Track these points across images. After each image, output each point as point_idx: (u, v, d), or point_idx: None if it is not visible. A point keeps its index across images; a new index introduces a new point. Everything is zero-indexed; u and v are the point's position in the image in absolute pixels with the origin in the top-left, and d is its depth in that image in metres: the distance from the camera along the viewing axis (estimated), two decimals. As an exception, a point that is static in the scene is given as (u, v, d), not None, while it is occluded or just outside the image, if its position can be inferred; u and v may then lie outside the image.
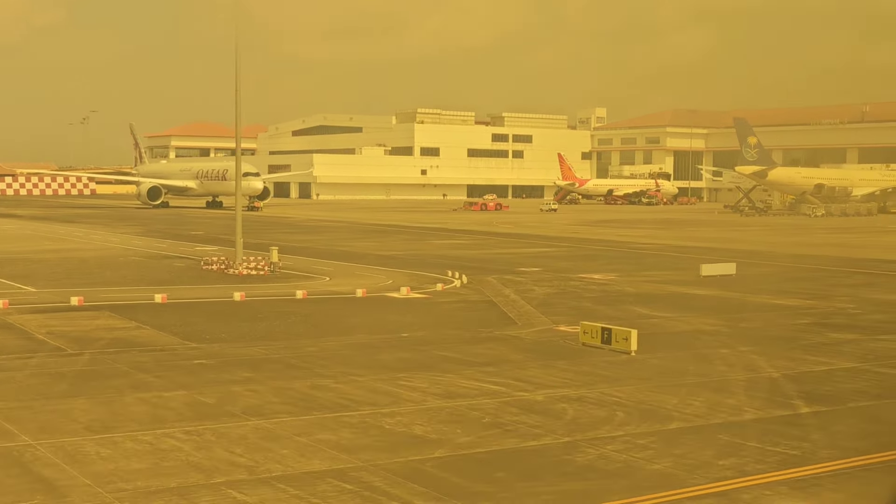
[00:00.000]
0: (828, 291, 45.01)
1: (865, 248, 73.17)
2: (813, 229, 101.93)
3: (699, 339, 31.05)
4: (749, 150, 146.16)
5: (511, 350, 28.52)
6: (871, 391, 23.47)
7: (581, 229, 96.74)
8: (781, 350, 29.05)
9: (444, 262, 56.68)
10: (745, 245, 75.23)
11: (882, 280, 50.62)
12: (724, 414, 20.93)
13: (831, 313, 37.64)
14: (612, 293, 43.45)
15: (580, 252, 68.40)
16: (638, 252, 67.60)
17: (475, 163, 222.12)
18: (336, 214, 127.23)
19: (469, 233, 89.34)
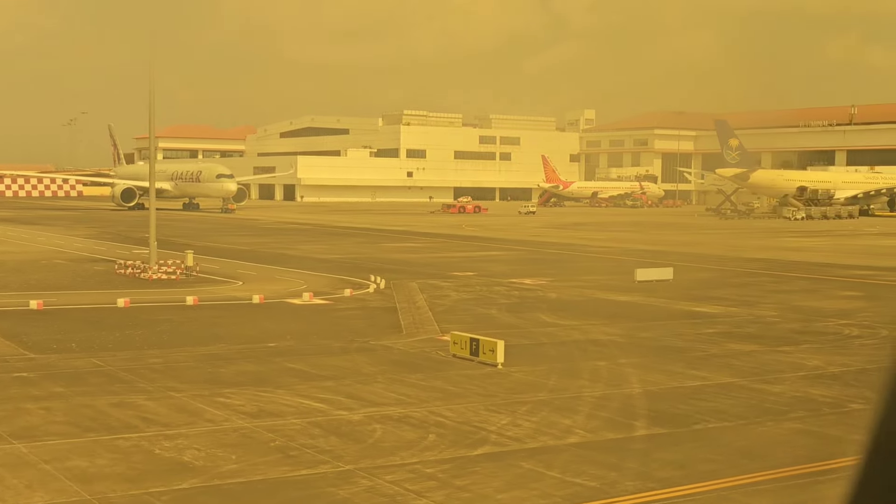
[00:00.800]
0: (760, 298, 43.08)
1: (827, 252, 71.18)
2: (785, 232, 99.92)
3: (585, 350, 29.12)
4: (730, 152, 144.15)
5: (371, 362, 26.60)
6: (731, 411, 21.51)
7: (548, 232, 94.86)
8: (664, 363, 27.10)
9: (382, 267, 55.01)
10: (704, 248, 73.30)
11: (825, 286, 48.63)
12: (547, 437, 18.99)
13: (747, 321, 35.70)
14: (529, 299, 41.53)
15: (530, 256, 66.51)
16: (588, 256, 65.70)
17: (462, 165, 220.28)
18: (309, 216, 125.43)
19: (431, 236, 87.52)
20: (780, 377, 25.27)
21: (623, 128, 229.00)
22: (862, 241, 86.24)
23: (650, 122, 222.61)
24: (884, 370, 2.88)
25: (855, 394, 23.25)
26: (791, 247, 77.47)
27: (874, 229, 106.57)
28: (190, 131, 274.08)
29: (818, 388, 23.95)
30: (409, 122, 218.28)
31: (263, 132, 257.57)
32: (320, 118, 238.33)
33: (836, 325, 34.77)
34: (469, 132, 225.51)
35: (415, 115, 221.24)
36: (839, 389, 23.75)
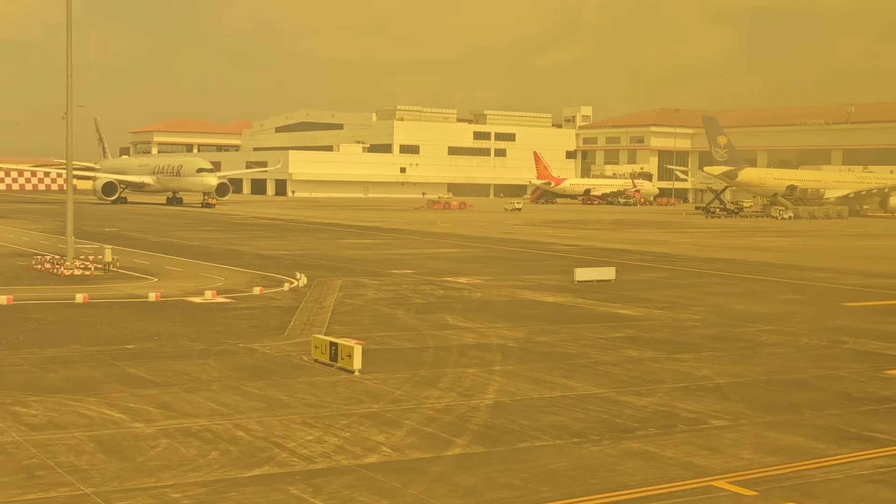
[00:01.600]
0: (695, 300, 41.05)
1: (796, 253, 69.09)
2: (765, 232, 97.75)
3: (465, 355, 27.17)
4: (719, 150, 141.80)
5: (219, 367, 24.70)
6: (573, 427, 19.54)
7: (522, 230, 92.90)
8: (539, 370, 25.15)
9: (324, 264, 53.62)
10: (672, 248, 71.21)
11: (770, 289, 46.54)
12: (344, 456, 17.05)
13: (664, 326, 33.70)
14: (449, 299, 39.58)
15: (484, 253, 64.60)
16: (546, 254, 63.69)
17: (456, 161, 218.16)
18: (288, 212, 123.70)
19: (398, 232, 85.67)
20: (655, 388, 23.29)
21: (619, 125, 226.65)
22: (839, 242, 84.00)
23: (647, 120, 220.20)
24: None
25: (724, 409, 21.26)
26: (762, 247, 75.35)
27: (858, 230, 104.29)
28: (186, 125, 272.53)
29: (688, 401, 21.96)
30: (402, 117, 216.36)
31: (259, 127, 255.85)
32: (315, 113, 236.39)
33: (756, 331, 32.76)
34: (463, 128, 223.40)
35: (408, 110, 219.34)
36: (710, 404, 21.76)
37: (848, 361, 27.46)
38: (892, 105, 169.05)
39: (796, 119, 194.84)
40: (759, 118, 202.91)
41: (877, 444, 18.74)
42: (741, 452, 17.81)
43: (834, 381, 24.60)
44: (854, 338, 31.55)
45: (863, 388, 23.86)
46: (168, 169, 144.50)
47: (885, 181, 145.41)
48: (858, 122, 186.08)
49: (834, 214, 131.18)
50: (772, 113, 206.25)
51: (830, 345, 30.28)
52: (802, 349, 29.45)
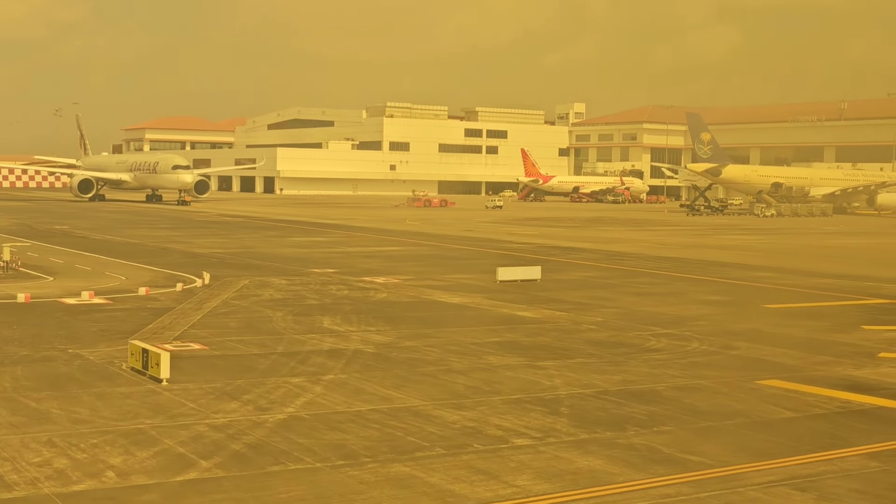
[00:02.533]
0: (610, 301, 38.95)
1: (754, 252, 66.92)
2: (738, 229, 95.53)
3: (304, 362, 25.14)
4: (702, 146, 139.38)
5: (25, 376, 22.75)
6: (352, 446, 17.47)
7: (487, 227, 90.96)
8: (373, 379, 23.11)
9: (249, 262, 52.25)
10: (626, 246, 69.07)
11: (700, 289, 44.37)
12: (56, 482, 15.02)
13: (555, 329, 31.65)
14: (346, 300, 37.58)
15: (427, 252, 62.61)
16: (490, 253, 61.58)
17: (447, 158, 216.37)
18: (262, 209, 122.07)
19: (358, 230, 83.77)
20: (484, 401, 21.21)
21: (612, 122, 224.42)
22: (807, 240, 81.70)
23: (639, 117, 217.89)
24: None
25: (541, 426, 19.17)
26: (725, 245, 73.15)
27: (836, 228, 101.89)
28: (179, 122, 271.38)
29: (509, 416, 19.87)
30: (392, 114, 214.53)
31: (252, 124, 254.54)
32: (306, 110, 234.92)
33: (650, 335, 30.65)
34: (454, 125, 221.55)
35: (398, 107, 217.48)
36: (531, 419, 19.67)
37: (724, 370, 25.34)
38: (885, 102, 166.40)
39: (789, 116, 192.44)
40: (752, 115, 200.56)
41: (682, 467, 16.63)
42: (517, 479, 15.74)
43: (688, 393, 22.49)
44: (750, 343, 29.42)
45: (717, 401, 21.73)
46: (145, 166, 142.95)
47: (873, 178, 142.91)
48: (851, 119, 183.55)
49: (818, 212, 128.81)
50: (764, 110, 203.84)
51: (719, 350, 28.16)
52: (684, 355, 27.34)
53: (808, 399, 22.12)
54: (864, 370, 25.67)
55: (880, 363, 26.61)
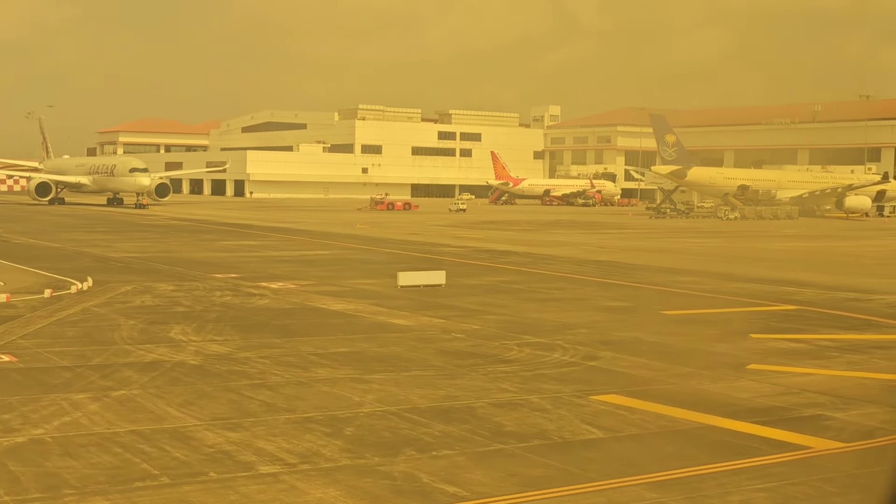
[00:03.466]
0: (503, 307, 37.08)
1: (690, 255, 65.12)
2: (694, 232, 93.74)
3: (110, 377, 23.13)
4: (667, 148, 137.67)
5: None
6: (65, 474, 15.49)
7: (435, 231, 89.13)
8: (160, 399, 21.12)
9: (157, 267, 50.63)
10: (564, 249, 67.23)
11: (608, 293, 42.49)
12: None
13: (418, 339, 29.72)
14: (220, 307, 35.64)
15: (349, 256, 60.94)
16: (415, 256, 59.71)
17: (420, 161, 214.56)
18: (219, 213, 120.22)
19: (298, 233, 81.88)
20: (263, 421, 19.24)
21: (587, 124, 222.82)
22: (757, 243, 80.00)
23: (614, 119, 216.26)
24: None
25: (307, 450, 17.19)
26: (667, 248, 71.42)
27: (794, 231, 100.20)
28: (154, 125, 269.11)
29: (279, 439, 17.90)
30: (364, 116, 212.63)
31: (226, 127, 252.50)
32: (279, 112, 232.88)
33: (515, 344, 28.72)
34: (428, 127, 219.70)
35: (371, 109, 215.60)
36: (298, 443, 17.69)
37: (565, 383, 23.42)
38: (857, 104, 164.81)
39: (762, 118, 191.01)
40: (726, 117, 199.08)
41: (427, 500, 14.68)
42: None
43: (505, 410, 20.53)
44: (617, 353, 27.53)
45: (528, 420, 19.81)
46: (103, 169, 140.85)
47: (841, 181, 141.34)
48: (824, 122, 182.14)
49: (783, 215, 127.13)
50: (738, 112, 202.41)
51: (577, 362, 26.24)
52: (535, 367, 25.43)
53: (632, 417, 20.21)
54: (719, 384, 23.81)
55: (742, 376, 24.72)
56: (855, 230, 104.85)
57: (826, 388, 23.34)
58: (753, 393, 22.84)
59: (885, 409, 21.33)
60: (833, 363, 26.87)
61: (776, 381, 24.21)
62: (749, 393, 22.83)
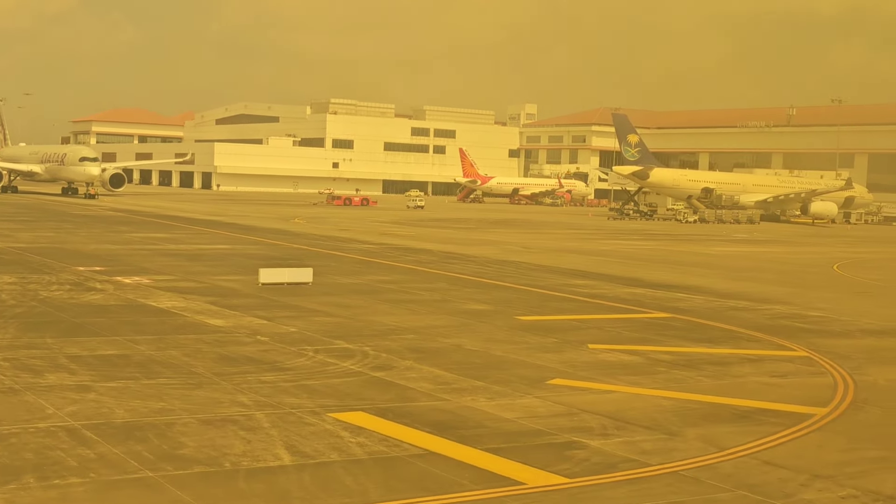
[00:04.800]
0: (347, 310, 34.35)
1: (615, 258, 62.47)
2: (640, 234, 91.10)
3: None
4: (629, 149, 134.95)
5: None
6: None
7: (370, 227, 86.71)
8: None
9: (32, 259, 47.81)
10: (485, 249, 64.63)
11: (478, 295, 39.76)
12: None
13: (212, 342, 26.96)
14: (37, 303, 32.94)
15: (248, 251, 57.99)
16: (323, 253, 57.09)
17: (392, 157, 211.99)
18: (168, 204, 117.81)
19: (223, 226, 79.28)
20: None
21: (563, 123, 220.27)
22: (694, 247, 77.26)
23: (589, 119, 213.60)
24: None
25: None
26: (595, 250, 68.74)
27: (746, 235, 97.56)
28: (128, 115, 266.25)
29: None
30: (336, 111, 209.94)
31: (200, 118, 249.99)
32: (253, 105, 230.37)
33: (312, 350, 26.03)
34: (401, 123, 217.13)
35: (343, 103, 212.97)
36: None
37: (320, 396, 20.72)
38: (831, 109, 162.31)
39: (738, 121, 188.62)
40: (702, 119, 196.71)
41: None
42: None
43: (205, 429, 17.77)
44: (421, 363, 24.82)
45: (208, 439, 17.07)
46: (54, 157, 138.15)
47: (808, 186, 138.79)
48: (799, 126, 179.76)
49: (744, 219, 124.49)
50: (714, 114, 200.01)
51: (364, 372, 23.53)
52: (309, 375, 22.77)
53: (350, 441, 17.46)
54: (498, 401, 21.09)
55: (532, 393, 22.01)
56: (805, 236, 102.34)
57: (612, 410, 20.65)
58: (525, 413, 20.13)
59: (656, 437, 18.64)
60: (652, 380, 24.18)
61: (565, 399, 21.52)
62: (520, 413, 20.11)
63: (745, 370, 25.90)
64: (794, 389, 23.71)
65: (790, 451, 18.09)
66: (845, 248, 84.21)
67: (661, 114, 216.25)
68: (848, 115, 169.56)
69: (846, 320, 36.27)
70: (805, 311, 38.59)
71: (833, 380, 24.90)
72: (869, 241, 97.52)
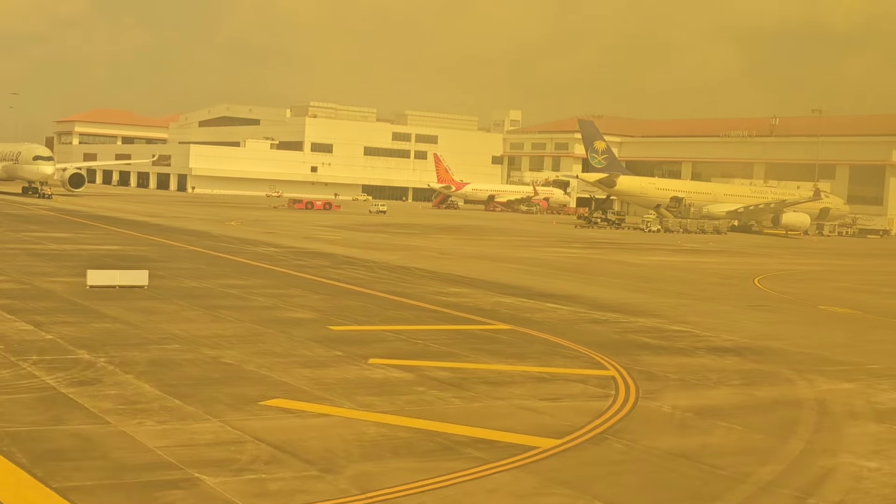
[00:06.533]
0: (146, 315, 31.31)
1: (544, 268, 59.41)
2: (590, 242, 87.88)
3: None
4: (595, 155, 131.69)
5: None
6: None
7: (307, 231, 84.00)
8: None
9: None
10: (402, 255, 61.64)
11: (318, 302, 36.68)
12: None
13: None
14: None
15: (132, 252, 55.09)
16: (211, 255, 54.19)
17: (373, 162, 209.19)
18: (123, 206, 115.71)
19: (149, 228, 76.52)
20: None
21: (545, 130, 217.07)
22: (624, 256, 74.04)
23: (572, 126, 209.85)
24: None
25: None
26: (519, 258, 65.71)
27: (700, 245, 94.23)
28: (112, 116, 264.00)
29: None
30: (315, 114, 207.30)
31: (184, 120, 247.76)
32: (234, 107, 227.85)
33: (32, 362, 22.98)
34: (382, 128, 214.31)
35: (323, 107, 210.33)
36: None
37: None
38: (814, 119, 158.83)
39: (721, 130, 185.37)
40: (684, 128, 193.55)
41: None
42: None
43: None
44: (145, 379, 21.73)
45: None
46: (10, 156, 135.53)
47: (780, 196, 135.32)
48: (780, 136, 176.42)
49: (710, 229, 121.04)
50: (697, 124, 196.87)
51: (45, 387, 20.44)
52: None
53: None
54: (162, 426, 17.98)
55: (223, 415, 18.89)
56: (763, 247, 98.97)
57: (291, 438, 17.54)
58: (178, 441, 16.99)
59: (299, 474, 15.51)
60: (392, 402, 21.00)
61: (252, 424, 18.38)
62: (173, 441, 16.97)
63: (519, 391, 22.73)
64: (552, 416, 20.54)
65: (455, 494, 14.95)
66: (794, 259, 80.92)
67: (645, 122, 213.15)
68: (830, 125, 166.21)
69: (706, 336, 33.07)
70: (670, 324, 35.42)
71: (611, 405, 21.75)
72: (827, 254, 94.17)
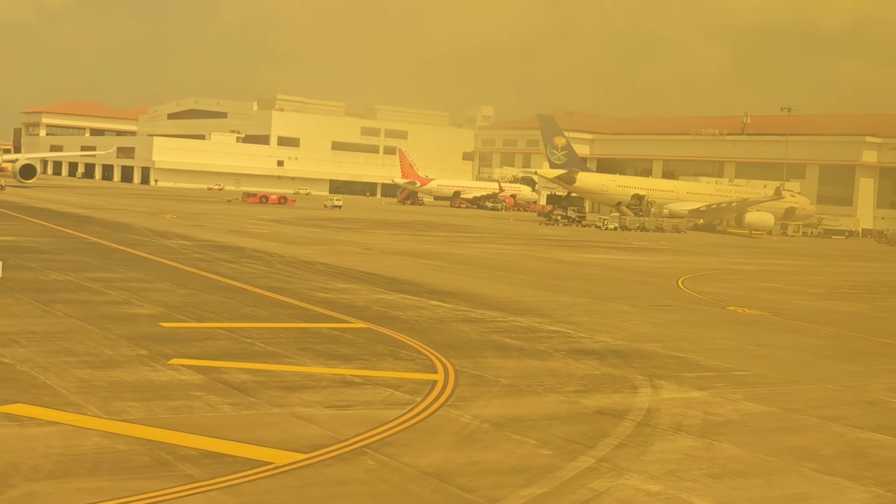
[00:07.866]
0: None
1: (463, 265, 57.05)
2: (535, 240, 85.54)
3: None
4: (555, 151, 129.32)
5: None
6: None
7: (240, 224, 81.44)
8: None
9: None
10: (319, 250, 59.30)
11: (196, 298, 34.22)
12: None
13: None
14: None
15: (29, 244, 52.63)
16: (105, 246, 51.73)
17: (340, 157, 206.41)
18: (69, 198, 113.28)
19: (67, 218, 73.96)
20: None
21: (517, 127, 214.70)
22: (555, 254, 71.70)
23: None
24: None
25: None
26: (449, 253, 63.36)
27: (638, 244, 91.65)
28: (81, 108, 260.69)
29: None
30: (282, 107, 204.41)
31: (154, 112, 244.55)
32: (203, 100, 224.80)
33: None
34: (350, 122, 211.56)
35: (290, 100, 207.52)
36: None
37: None
38: (785, 118, 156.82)
39: (692, 128, 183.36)
40: (656, 126, 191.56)
41: None
42: None
43: None
44: None
45: None
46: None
47: (743, 195, 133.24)
48: (752, 135, 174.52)
49: (669, 228, 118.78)
50: (671, 122, 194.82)
51: None
52: None
53: None
54: None
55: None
56: (713, 246, 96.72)
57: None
58: None
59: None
60: (147, 408, 18.62)
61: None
62: None
63: (311, 397, 20.37)
64: (324, 426, 18.16)
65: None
66: (740, 259, 78.68)
67: (618, 120, 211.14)
68: (802, 124, 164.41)
69: (579, 337, 30.77)
70: (550, 324, 33.08)
71: (405, 414, 19.39)
72: (781, 254, 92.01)
